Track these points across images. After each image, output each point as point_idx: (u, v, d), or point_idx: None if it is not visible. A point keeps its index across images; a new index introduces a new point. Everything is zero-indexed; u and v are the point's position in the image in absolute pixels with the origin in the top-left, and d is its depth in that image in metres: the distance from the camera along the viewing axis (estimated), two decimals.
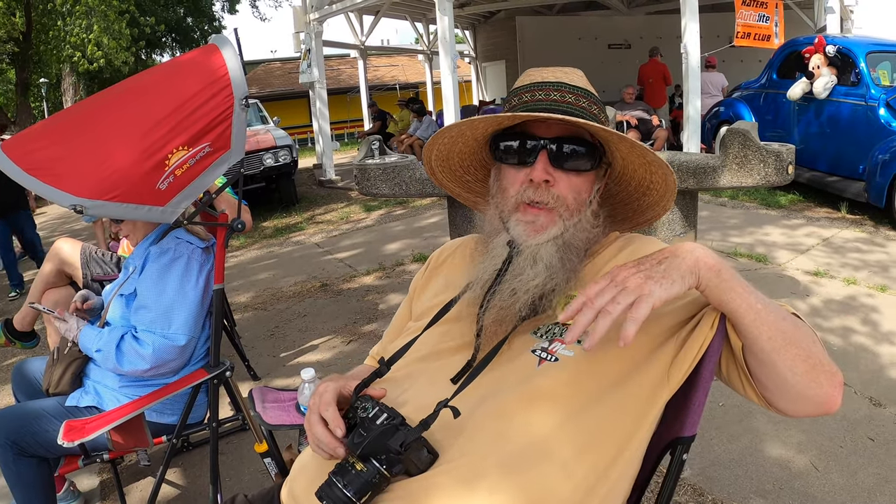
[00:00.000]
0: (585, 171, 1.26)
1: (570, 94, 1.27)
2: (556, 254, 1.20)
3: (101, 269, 3.35)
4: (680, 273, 1.01)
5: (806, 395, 1.07)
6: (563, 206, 1.24)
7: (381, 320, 4.74)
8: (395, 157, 4.27)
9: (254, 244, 7.86)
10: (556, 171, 1.24)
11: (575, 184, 1.25)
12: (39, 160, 1.99)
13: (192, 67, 2.28)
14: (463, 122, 1.31)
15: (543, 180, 1.23)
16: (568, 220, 1.23)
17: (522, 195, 1.25)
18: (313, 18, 11.57)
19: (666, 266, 1.01)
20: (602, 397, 1.11)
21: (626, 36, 15.80)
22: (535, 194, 1.24)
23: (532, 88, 1.29)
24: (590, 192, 1.28)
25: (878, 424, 2.97)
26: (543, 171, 1.23)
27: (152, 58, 26.44)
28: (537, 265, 1.19)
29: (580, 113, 1.25)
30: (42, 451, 2.23)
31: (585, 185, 1.27)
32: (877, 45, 7.37)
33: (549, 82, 1.29)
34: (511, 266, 1.22)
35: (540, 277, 1.19)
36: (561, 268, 1.20)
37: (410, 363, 1.31)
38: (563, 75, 1.31)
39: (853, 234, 6.16)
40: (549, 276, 1.19)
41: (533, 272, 1.19)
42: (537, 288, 1.19)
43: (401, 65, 28.67)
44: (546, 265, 1.19)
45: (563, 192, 1.24)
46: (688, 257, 1.03)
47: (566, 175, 1.24)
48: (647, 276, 1.00)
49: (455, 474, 1.06)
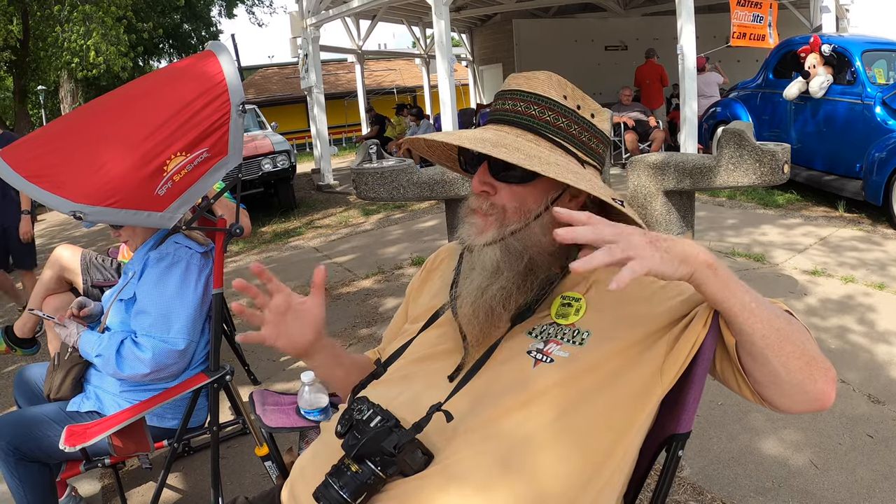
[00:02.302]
0: (528, 182, 1.22)
1: (536, 106, 1.24)
2: (500, 256, 1.21)
3: (101, 275, 3.36)
4: (678, 258, 1.00)
5: (800, 391, 1.08)
6: (501, 214, 1.23)
7: (381, 324, 4.74)
8: (393, 161, 4.29)
9: (252, 249, 7.86)
10: (496, 181, 1.23)
11: (517, 193, 1.23)
12: (38, 167, 2.00)
13: (188, 73, 2.29)
14: (422, 138, 1.35)
15: (482, 190, 1.24)
16: (504, 227, 1.22)
17: (472, 201, 1.27)
18: (310, 24, 11.59)
19: (669, 245, 1.00)
20: (596, 395, 1.12)
21: (623, 37, 15.81)
22: (475, 201, 1.26)
23: (503, 96, 1.28)
24: (539, 200, 1.23)
25: (878, 421, 2.98)
26: (479, 182, 1.24)
27: (150, 64, 26.46)
28: (484, 263, 1.22)
29: (528, 123, 1.24)
30: (44, 456, 2.24)
31: (531, 195, 1.23)
32: (872, 44, 7.39)
33: (514, 90, 1.27)
34: (465, 262, 1.27)
35: (484, 277, 1.21)
36: (508, 271, 1.20)
37: (406, 365, 1.32)
38: (524, 82, 1.27)
39: (850, 232, 6.17)
40: (495, 276, 1.20)
41: (475, 275, 1.23)
42: (481, 290, 1.21)
43: (398, 69, 28.69)
44: (489, 265, 1.21)
45: (504, 201, 1.23)
46: (688, 249, 1.03)
47: (507, 185, 1.23)
48: (651, 243, 0.98)
49: (450, 474, 1.07)
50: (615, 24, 15.87)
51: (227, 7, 29.04)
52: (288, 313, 1.30)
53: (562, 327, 1.20)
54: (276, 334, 1.30)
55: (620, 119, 9.97)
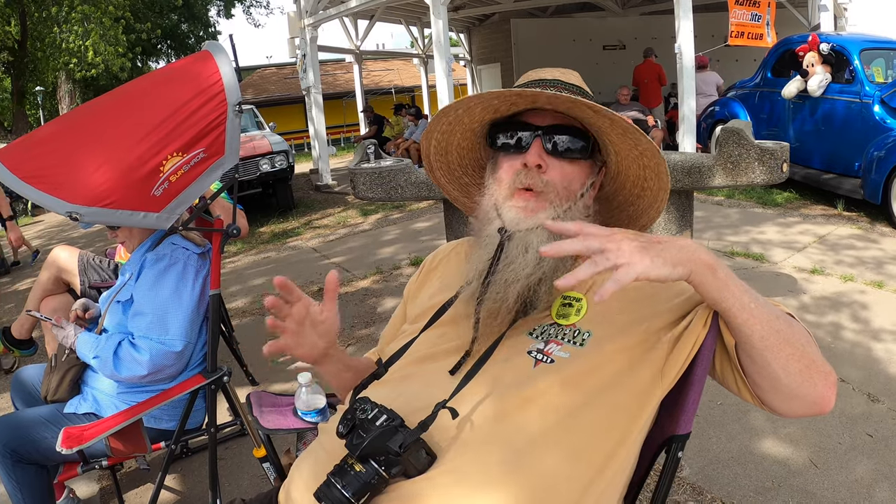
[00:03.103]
0: (578, 159, 1.29)
1: (566, 91, 1.29)
2: (548, 241, 1.19)
3: (98, 276, 3.35)
4: (673, 260, 0.99)
5: (799, 395, 1.07)
6: (554, 192, 1.25)
7: (379, 324, 4.73)
8: (391, 161, 4.27)
9: (251, 249, 7.85)
10: (549, 157, 1.27)
11: (567, 172, 1.28)
12: (35, 168, 1.99)
13: (185, 74, 2.28)
14: (460, 102, 1.34)
15: (536, 165, 1.25)
16: (558, 206, 1.25)
17: (516, 181, 1.27)
18: (308, 24, 11.58)
19: (663, 247, 1.00)
20: (597, 396, 1.12)
21: (621, 37, 15.80)
22: (527, 178, 1.26)
23: (529, 86, 1.32)
24: (582, 183, 1.30)
25: (877, 420, 2.97)
26: (537, 155, 1.26)
27: (148, 64, 26.44)
28: (528, 253, 1.20)
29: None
30: (41, 458, 2.23)
31: (577, 175, 1.29)
32: (870, 43, 7.39)
33: (545, 79, 1.33)
34: (504, 253, 1.23)
35: (530, 266, 1.19)
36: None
37: (408, 365, 1.31)
38: (560, 74, 1.35)
39: (849, 231, 6.17)
40: (539, 265, 1.19)
41: (524, 260, 1.20)
42: (528, 278, 1.19)
43: (396, 69, 28.68)
44: (536, 253, 1.19)
45: (555, 178, 1.26)
46: (686, 249, 1.02)
47: (559, 162, 1.27)
48: (643, 247, 0.97)
49: (453, 475, 1.06)
50: (613, 23, 15.87)
51: (226, 7, 29.02)
52: (306, 322, 1.29)
53: (562, 328, 1.19)
54: (296, 343, 1.30)
55: None
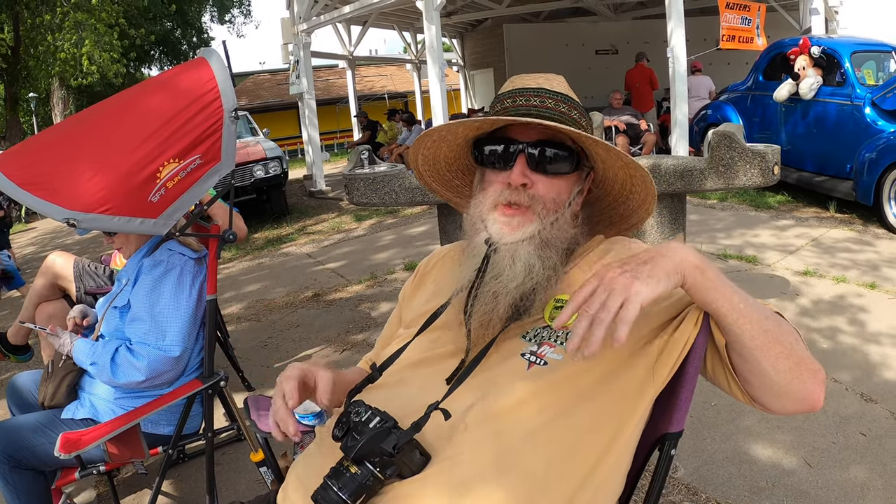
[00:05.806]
0: (564, 173, 1.29)
1: (550, 100, 1.30)
2: (535, 252, 1.22)
3: (94, 283, 3.35)
4: (665, 272, 1.03)
5: (789, 392, 1.09)
6: (541, 205, 1.26)
7: (373, 329, 4.74)
8: (385, 167, 4.29)
9: (245, 256, 7.85)
10: (534, 174, 1.27)
11: (554, 185, 1.28)
12: (32, 175, 2.00)
13: (181, 81, 2.29)
14: (442, 126, 1.34)
15: (521, 184, 1.26)
16: (545, 218, 1.26)
17: (500, 196, 1.28)
18: (301, 29, 11.58)
19: (651, 266, 1.03)
20: (590, 397, 1.14)
21: (613, 41, 15.87)
22: (511, 196, 1.26)
23: (513, 94, 1.33)
24: (569, 193, 1.30)
25: (870, 420, 2.99)
26: (521, 174, 1.26)
27: (141, 71, 26.38)
28: (516, 265, 1.21)
29: (559, 117, 1.28)
30: (38, 463, 2.24)
31: (565, 186, 1.30)
32: (861, 45, 7.44)
33: (529, 88, 1.33)
34: (490, 265, 1.24)
35: (518, 279, 1.21)
36: (541, 266, 1.22)
37: (402, 369, 1.32)
38: (544, 81, 1.35)
39: (842, 233, 6.21)
40: (529, 276, 1.21)
41: (512, 272, 1.21)
42: (517, 289, 1.21)
43: (389, 74, 28.72)
44: (525, 265, 1.21)
45: (541, 192, 1.27)
46: (673, 256, 1.05)
47: (545, 177, 1.28)
48: (634, 276, 1.01)
49: (447, 475, 1.07)
50: (605, 28, 15.94)
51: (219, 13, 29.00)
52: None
53: (555, 330, 1.21)
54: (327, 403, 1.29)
55: (611, 123, 9.98)
